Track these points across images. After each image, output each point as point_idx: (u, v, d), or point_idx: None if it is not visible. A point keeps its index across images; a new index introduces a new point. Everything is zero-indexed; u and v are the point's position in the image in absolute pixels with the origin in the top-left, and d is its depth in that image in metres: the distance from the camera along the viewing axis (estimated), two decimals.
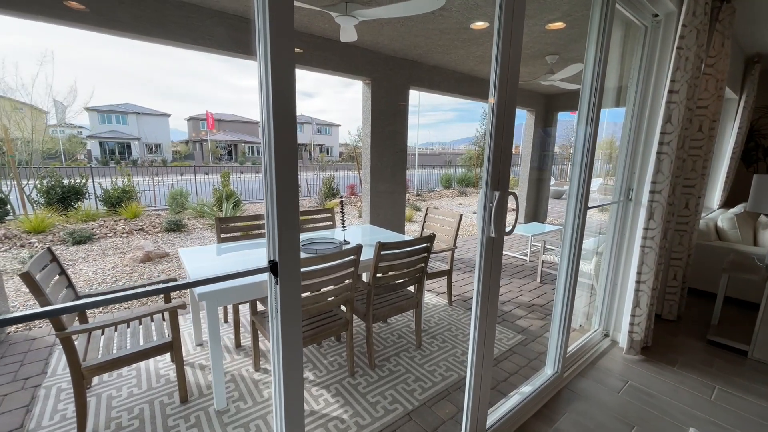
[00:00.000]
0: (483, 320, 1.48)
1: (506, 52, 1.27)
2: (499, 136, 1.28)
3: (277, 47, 0.74)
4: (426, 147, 59.86)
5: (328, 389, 2.15)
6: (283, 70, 0.75)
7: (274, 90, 0.74)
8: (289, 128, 0.77)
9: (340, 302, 2.16)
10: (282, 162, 0.76)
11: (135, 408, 1.96)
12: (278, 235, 0.79)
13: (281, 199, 0.77)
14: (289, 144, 0.77)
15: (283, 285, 0.81)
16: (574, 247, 2.02)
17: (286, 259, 0.80)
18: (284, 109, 0.76)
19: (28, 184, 6.48)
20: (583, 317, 2.97)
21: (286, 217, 0.79)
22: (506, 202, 1.35)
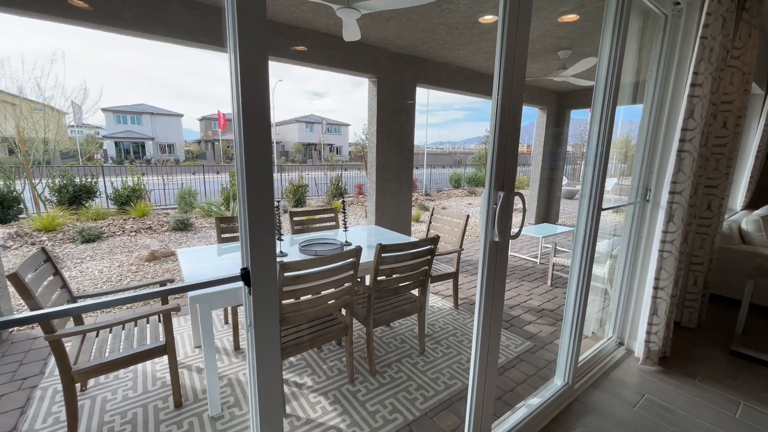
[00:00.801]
0: (486, 329, 1.38)
1: (512, 44, 1.17)
2: (503, 134, 1.17)
3: (246, 37, 0.66)
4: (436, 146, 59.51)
5: (326, 396, 2.08)
6: (255, 62, 0.67)
7: (243, 84, 0.66)
8: (262, 125, 0.69)
9: (340, 306, 2.08)
10: (253, 161, 0.69)
11: (128, 412, 1.92)
12: (250, 240, 0.71)
13: (253, 201, 0.69)
14: (261, 142, 0.69)
15: (256, 295, 0.73)
16: (587, 250, 1.90)
17: (260, 268, 0.72)
18: (255, 104, 0.68)
19: (41, 183, 6.60)
20: (595, 324, 2.83)
21: (259, 221, 0.71)
22: (512, 203, 1.24)
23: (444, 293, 3.62)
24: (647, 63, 2.42)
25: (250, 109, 0.67)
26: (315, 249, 2.44)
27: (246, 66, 0.66)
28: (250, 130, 0.68)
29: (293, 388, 2.14)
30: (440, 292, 3.64)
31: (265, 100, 0.69)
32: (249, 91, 0.67)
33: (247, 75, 0.67)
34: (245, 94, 0.67)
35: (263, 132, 0.69)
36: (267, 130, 0.69)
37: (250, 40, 0.66)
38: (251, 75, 0.67)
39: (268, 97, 0.69)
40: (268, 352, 0.76)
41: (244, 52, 0.66)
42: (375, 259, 2.08)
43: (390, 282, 2.24)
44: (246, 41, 0.66)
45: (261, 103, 0.68)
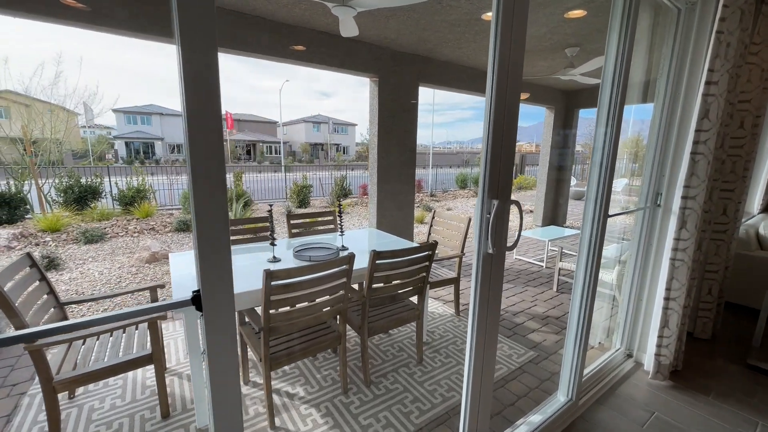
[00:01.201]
0: (480, 346, 1.29)
1: (507, 40, 1.07)
2: (497, 138, 1.08)
3: (191, 25, 0.59)
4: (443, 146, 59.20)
5: (318, 408, 2.00)
6: (203, 55, 0.60)
7: (188, 79, 0.59)
8: (212, 125, 0.61)
9: (333, 314, 2.00)
10: (201, 167, 0.61)
11: (114, 422, 1.87)
12: (200, 260, 0.63)
13: (204, 217, 0.62)
14: (211, 144, 0.61)
15: (209, 320, 0.65)
16: (592, 256, 1.79)
17: (213, 290, 0.65)
18: (204, 102, 0.60)
19: (47, 183, 6.67)
20: (602, 333, 2.70)
21: (210, 238, 0.63)
22: (507, 212, 1.15)
23: (446, 298, 3.52)
24: (658, 60, 2.29)
25: (196, 108, 0.60)
26: (309, 254, 2.37)
27: (194, 59, 0.59)
28: (198, 131, 0.60)
29: (284, 399, 2.07)
30: (442, 297, 3.54)
31: (215, 98, 0.61)
32: (197, 89, 0.59)
33: (196, 70, 0.59)
34: (193, 93, 0.59)
35: (214, 134, 0.61)
36: (218, 131, 0.61)
37: (194, 29, 0.58)
38: (200, 70, 0.59)
39: (218, 96, 0.61)
40: (226, 382, 0.69)
41: (191, 44, 0.58)
42: (369, 266, 2.00)
43: (386, 289, 2.15)
44: (191, 29, 0.58)
45: (210, 102, 0.61)
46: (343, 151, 41.72)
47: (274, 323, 1.76)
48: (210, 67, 0.60)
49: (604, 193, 1.72)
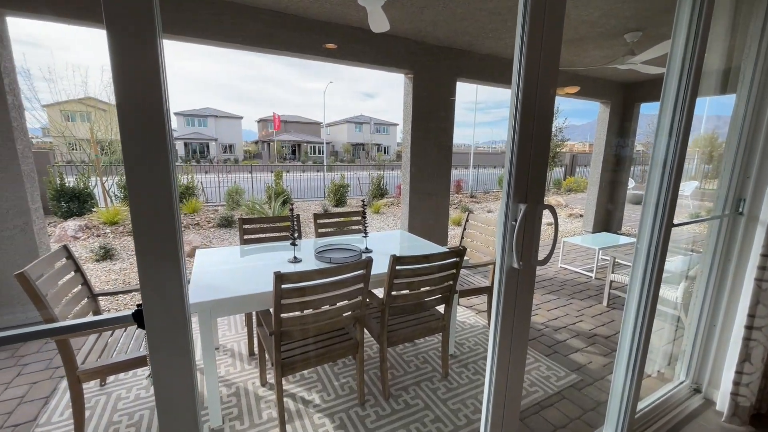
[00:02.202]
0: (502, 375, 1.10)
1: (539, 15, 0.88)
2: (526, 130, 0.89)
3: (117, 15, 0.49)
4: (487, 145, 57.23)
5: (332, 418, 1.90)
6: (136, 38, 0.50)
7: (119, 69, 0.49)
8: (152, 120, 0.51)
9: (349, 321, 1.89)
10: (144, 179, 0.51)
11: (136, 414, 1.91)
12: (141, 270, 0.53)
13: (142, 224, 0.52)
14: (151, 141, 0.51)
15: (153, 341, 0.56)
16: (651, 270, 1.50)
17: (158, 305, 0.55)
18: (139, 95, 0.51)
19: (108, 180, 7.32)
20: (662, 360, 2.33)
21: (153, 246, 0.54)
22: (538, 219, 0.95)
23: (479, 308, 3.28)
24: (743, 42, 1.90)
25: (129, 100, 0.50)
26: (330, 256, 2.28)
27: (123, 43, 0.49)
28: (129, 125, 0.50)
29: (299, 405, 1.99)
30: (475, 306, 3.31)
31: (155, 91, 0.51)
32: (130, 79, 0.50)
33: (126, 60, 0.49)
34: (122, 84, 0.49)
35: (153, 129, 0.51)
36: (161, 127, 0.51)
37: (125, 17, 0.49)
38: (132, 59, 0.50)
39: (160, 93, 0.51)
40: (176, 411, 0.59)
41: (121, 28, 0.49)
42: (388, 272, 1.86)
43: (407, 297, 2.00)
44: (120, 19, 0.49)
45: (150, 96, 0.51)
46: (384, 150, 41.90)
47: (286, 327, 1.69)
48: (148, 55, 0.50)
49: (668, 197, 1.43)
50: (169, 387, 0.57)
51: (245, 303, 1.78)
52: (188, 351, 0.58)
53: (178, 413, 0.58)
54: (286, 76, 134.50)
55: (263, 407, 1.97)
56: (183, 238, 0.61)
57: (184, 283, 0.57)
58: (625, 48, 3.74)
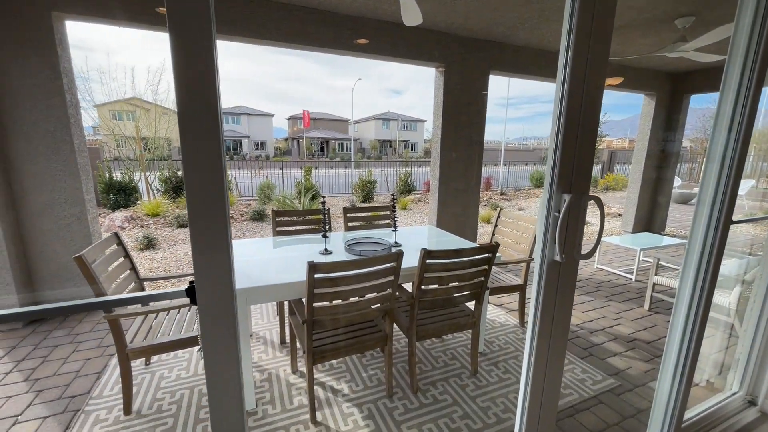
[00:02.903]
0: (540, 369, 1.06)
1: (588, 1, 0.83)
2: (572, 116, 0.85)
3: (183, 11, 0.51)
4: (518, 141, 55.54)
5: (360, 408, 1.93)
6: (196, 44, 0.52)
7: (180, 71, 0.52)
8: (209, 127, 0.53)
9: (379, 313, 1.90)
10: (199, 167, 0.54)
11: (177, 392, 2.02)
12: (195, 251, 0.56)
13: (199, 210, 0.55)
14: (209, 145, 0.54)
15: (204, 316, 0.59)
16: (704, 272, 1.40)
17: (209, 283, 0.58)
18: (198, 96, 0.53)
19: (151, 175, 7.77)
20: (713, 368, 2.17)
21: (209, 232, 0.56)
22: (583, 210, 0.91)
23: (509, 306, 3.20)
24: None
25: (189, 100, 0.53)
26: (360, 249, 2.30)
27: (187, 50, 0.52)
28: (193, 127, 0.53)
29: (328, 393, 2.03)
30: (505, 305, 3.23)
31: (211, 91, 0.53)
32: (190, 82, 0.52)
33: (190, 62, 0.52)
34: (186, 85, 0.52)
35: (210, 128, 0.54)
36: (215, 124, 0.54)
37: (186, 17, 0.51)
38: (194, 62, 0.52)
39: (215, 89, 0.53)
40: (223, 380, 0.62)
41: (183, 31, 0.51)
42: (419, 266, 1.85)
43: (437, 292, 1.98)
44: (181, 18, 0.51)
45: (206, 96, 0.53)
46: (411, 147, 41.69)
47: (318, 317, 1.72)
48: (206, 57, 0.52)
49: (727, 196, 1.32)
50: (217, 359, 0.60)
51: (278, 291, 1.83)
52: (234, 326, 0.61)
53: (224, 383, 0.61)
54: (315, 74, 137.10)
55: (294, 393, 2.02)
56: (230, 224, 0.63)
57: (231, 265, 0.59)
58: (675, 35, 3.49)
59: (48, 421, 1.80)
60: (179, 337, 1.87)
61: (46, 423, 1.79)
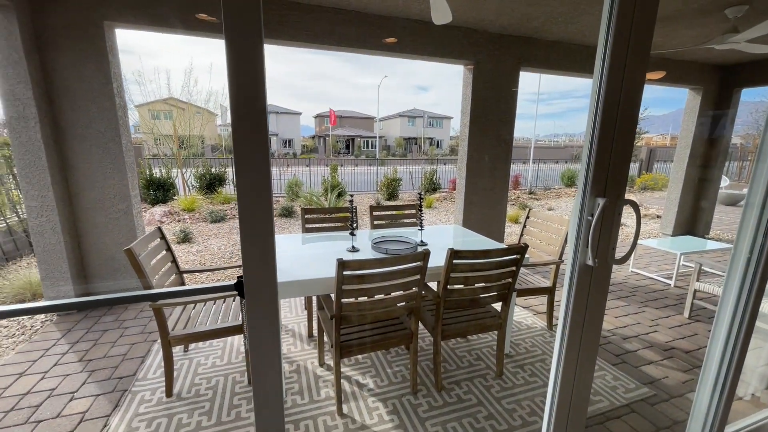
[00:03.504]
0: (569, 376, 1.06)
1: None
2: (608, 117, 0.84)
3: (237, 19, 0.56)
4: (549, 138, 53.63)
5: (385, 403, 1.97)
6: (248, 49, 0.56)
7: (235, 80, 0.56)
8: (258, 126, 0.58)
9: (405, 311, 1.93)
10: (249, 166, 0.58)
11: (213, 379, 2.14)
12: (244, 249, 0.61)
13: (248, 208, 0.60)
14: (257, 144, 0.58)
15: (250, 309, 0.64)
16: (752, 280, 1.33)
17: (255, 279, 0.63)
18: (248, 97, 0.58)
19: (187, 172, 8.17)
20: (759, 382, 2.04)
21: (254, 229, 0.61)
22: (618, 215, 0.89)
23: (537, 309, 3.14)
24: None
25: (242, 103, 0.57)
26: (386, 247, 2.34)
27: (237, 54, 0.56)
28: (243, 126, 0.57)
29: (354, 387, 2.09)
30: (532, 307, 3.17)
31: (260, 93, 0.58)
32: (243, 85, 0.57)
33: (242, 65, 0.56)
34: (239, 88, 0.56)
35: (259, 128, 0.58)
36: (263, 127, 0.58)
37: (240, 24, 0.55)
38: (245, 66, 0.57)
39: (263, 90, 0.58)
40: (266, 372, 0.67)
41: (236, 37, 0.56)
42: (445, 266, 1.86)
43: (464, 292, 1.98)
44: (237, 23, 0.55)
45: (254, 95, 0.58)
46: (437, 145, 41.27)
47: (345, 312, 1.77)
48: (255, 59, 0.57)
49: None
50: (261, 347, 0.65)
51: (308, 286, 1.90)
52: (276, 319, 0.65)
53: (266, 369, 0.66)
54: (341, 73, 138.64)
55: (321, 385, 2.09)
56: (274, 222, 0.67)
57: (275, 262, 0.64)
58: (725, 25, 3.26)
59: (100, 398, 1.97)
60: (216, 327, 1.98)
61: (98, 400, 1.95)
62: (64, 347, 2.44)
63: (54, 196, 2.66)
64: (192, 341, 1.96)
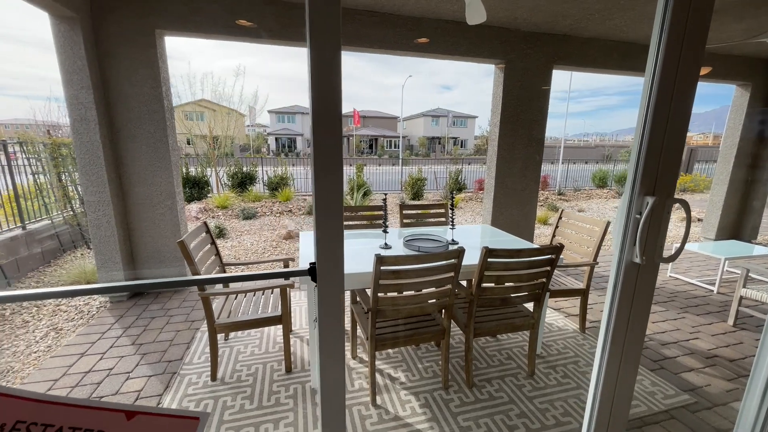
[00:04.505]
0: (612, 375, 1.06)
1: None
2: (660, 115, 0.85)
3: (319, 28, 0.62)
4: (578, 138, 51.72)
5: (417, 397, 2.01)
6: (327, 56, 0.63)
7: (315, 82, 0.62)
8: (333, 125, 0.64)
9: (437, 307, 1.97)
10: (323, 162, 0.65)
11: (252, 366, 2.26)
12: (318, 237, 0.68)
13: (322, 200, 0.66)
14: (331, 143, 0.65)
15: (321, 291, 0.70)
16: None
17: (327, 265, 0.69)
18: (327, 102, 0.64)
19: (221, 171, 8.54)
20: None
21: (327, 219, 0.68)
22: (667, 213, 0.90)
23: (569, 311, 3.09)
24: None
25: (321, 107, 0.64)
26: (418, 245, 2.38)
27: (318, 59, 0.62)
28: (321, 125, 0.64)
29: (386, 380, 2.15)
30: (563, 309, 3.12)
31: (337, 98, 0.64)
32: (322, 90, 0.63)
33: (320, 68, 0.63)
34: (318, 93, 0.63)
35: (333, 127, 0.65)
36: (337, 125, 0.64)
37: (322, 33, 0.62)
38: (324, 72, 0.63)
39: (340, 96, 0.64)
40: (332, 348, 0.74)
41: (318, 44, 0.62)
42: (479, 264, 1.89)
43: (496, 291, 2.00)
44: (319, 32, 0.62)
45: (333, 102, 0.64)
46: (461, 144, 40.79)
47: (381, 306, 1.84)
48: (334, 70, 0.63)
49: None
50: (329, 330, 0.72)
51: (347, 280, 1.97)
52: (342, 302, 0.72)
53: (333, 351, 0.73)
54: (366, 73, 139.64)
55: (355, 377, 2.17)
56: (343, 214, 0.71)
57: (343, 251, 0.70)
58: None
59: (152, 379, 2.13)
60: (257, 317, 2.10)
61: (150, 381, 2.12)
62: (118, 331, 2.65)
63: (109, 192, 2.89)
64: (235, 329, 2.09)
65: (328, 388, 0.76)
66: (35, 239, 3.99)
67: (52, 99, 10.96)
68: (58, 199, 4.54)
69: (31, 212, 4.17)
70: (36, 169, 4.33)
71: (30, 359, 2.36)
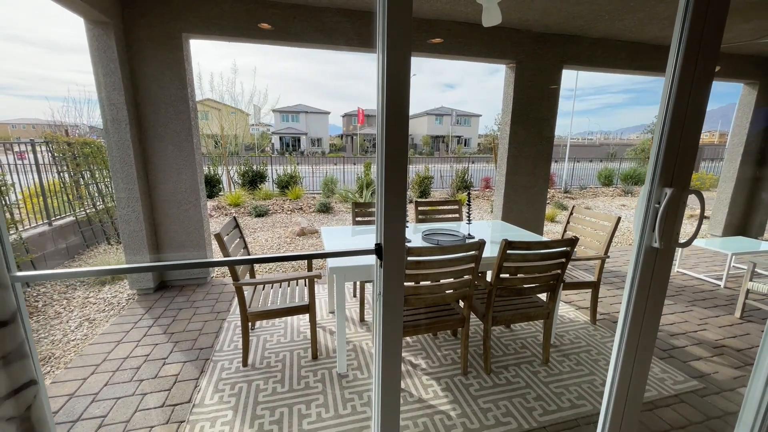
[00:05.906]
0: (630, 354, 1.17)
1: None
2: (679, 111, 0.95)
3: (392, 37, 0.73)
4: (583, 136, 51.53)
5: (438, 381, 2.13)
6: (399, 59, 0.74)
7: (388, 83, 0.74)
8: (401, 122, 0.76)
9: (458, 297, 2.08)
10: (392, 150, 0.76)
11: (280, 353, 2.38)
12: (384, 221, 0.79)
13: (389, 185, 0.77)
14: (400, 138, 0.76)
15: (386, 268, 0.81)
16: None
17: (391, 245, 0.80)
18: (397, 102, 0.75)
19: (231, 169, 8.68)
20: None
21: (393, 204, 0.79)
22: (683, 204, 1.00)
23: (579, 304, 3.19)
24: None
25: (393, 108, 0.75)
26: (437, 239, 2.49)
27: (391, 63, 0.73)
28: (391, 122, 0.75)
29: (408, 366, 2.27)
30: (574, 302, 3.22)
31: (406, 100, 0.75)
32: (393, 91, 0.74)
33: (393, 75, 0.74)
34: (390, 94, 0.74)
35: (402, 124, 0.76)
36: (405, 122, 0.75)
37: (396, 39, 0.73)
38: (396, 75, 0.74)
39: (408, 98, 0.75)
40: (393, 319, 0.85)
41: (391, 51, 0.73)
42: (499, 255, 1.99)
43: (514, 282, 2.11)
44: (393, 41, 0.73)
45: (402, 103, 0.75)
46: (465, 143, 40.79)
47: (405, 295, 1.95)
48: (404, 71, 0.74)
49: None
50: (391, 303, 0.83)
51: (370, 271, 2.09)
52: (402, 279, 0.83)
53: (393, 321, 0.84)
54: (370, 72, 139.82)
55: None
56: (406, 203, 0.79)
57: (404, 232, 0.81)
58: None
59: (187, 365, 2.26)
60: (286, 306, 2.22)
61: (186, 366, 2.24)
62: (149, 321, 2.78)
63: (138, 189, 3.02)
64: (266, 318, 2.21)
65: (388, 351, 0.88)
66: (60, 235, 4.14)
67: (69, 100, 11.17)
68: (83, 197, 4.69)
69: (56, 209, 4.32)
70: (61, 168, 4.47)
71: (69, 346, 2.49)
